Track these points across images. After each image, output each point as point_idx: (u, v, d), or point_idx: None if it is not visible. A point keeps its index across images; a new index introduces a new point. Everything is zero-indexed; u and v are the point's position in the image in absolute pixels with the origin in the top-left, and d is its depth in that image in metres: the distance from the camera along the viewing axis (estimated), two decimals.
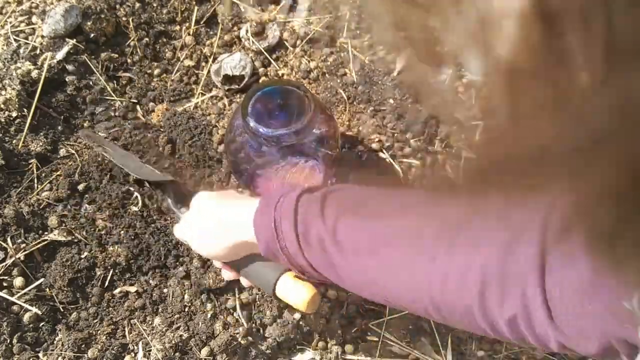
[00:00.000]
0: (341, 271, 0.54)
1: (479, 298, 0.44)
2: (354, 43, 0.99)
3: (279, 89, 0.72)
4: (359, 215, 0.54)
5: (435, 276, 0.48)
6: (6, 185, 0.84)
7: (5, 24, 0.98)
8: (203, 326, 0.75)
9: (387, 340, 0.78)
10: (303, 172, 0.76)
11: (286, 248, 0.56)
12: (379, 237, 0.53)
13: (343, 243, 0.53)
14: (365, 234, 0.53)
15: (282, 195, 0.59)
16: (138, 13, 1.00)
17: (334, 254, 0.53)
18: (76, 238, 0.80)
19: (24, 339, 0.75)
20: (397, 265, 0.51)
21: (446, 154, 0.91)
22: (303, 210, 0.55)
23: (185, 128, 0.89)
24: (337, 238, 0.53)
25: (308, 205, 0.56)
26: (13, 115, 0.88)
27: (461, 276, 0.46)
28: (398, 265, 0.51)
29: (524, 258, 0.42)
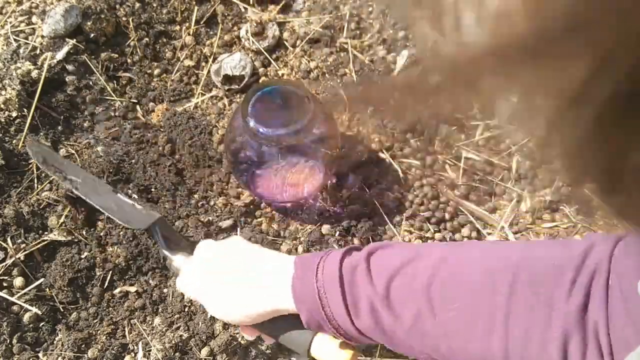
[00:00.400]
0: (395, 337, 0.51)
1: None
2: (354, 43, 0.99)
3: (279, 89, 0.72)
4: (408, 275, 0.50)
5: (510, 342, 0.45)
6: (6, 185, 0.84)
7: (5, 24, 0.98)
8: (203, 326, 0.75)
9: None
10: (303, 172, 0.76)
11: (334, 320, 0.52)
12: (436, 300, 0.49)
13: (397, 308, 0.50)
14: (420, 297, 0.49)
15: (320, 259, 0.54)
16: (138, 13, 1.00)
17: (388, 320, 0.50)
18: (76, 238, 0.80)
19: (24, 339, 0.75)
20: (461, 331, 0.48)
21: (446, 154, 0.91)
22: (349, 278, 0.51)
23: (185, 128, 0.89)
24: (390, 303, 0.49)
25: (353, 271, 0.52)
26: (13, 115, 0.88)
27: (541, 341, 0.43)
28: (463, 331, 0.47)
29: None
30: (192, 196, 0.85)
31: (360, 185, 0.84)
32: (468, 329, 0.47)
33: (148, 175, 0.85)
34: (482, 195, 0.88)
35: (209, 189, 0.86)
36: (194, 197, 0.85)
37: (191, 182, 0.86)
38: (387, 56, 0.98)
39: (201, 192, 0.85)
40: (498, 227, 0.86)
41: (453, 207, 0.85)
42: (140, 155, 0.87)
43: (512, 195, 0.88)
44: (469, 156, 0.91)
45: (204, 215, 0.83)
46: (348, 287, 0.51)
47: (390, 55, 0.98)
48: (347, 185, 0.85)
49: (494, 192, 0.89)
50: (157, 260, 0.80)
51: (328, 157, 0.76)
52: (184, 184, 0.86)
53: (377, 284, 0.51)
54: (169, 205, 0.83)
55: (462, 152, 0.91)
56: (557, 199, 0.87)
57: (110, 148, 0.88)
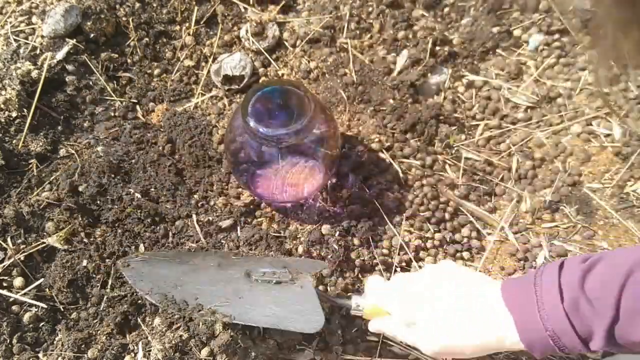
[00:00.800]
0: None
1: None
2: (354, 43, 0.99)
3: (279, 89, 0.72)
4: (630, 293, 0.49)
5: None
6: (6, 185, 0.84)
7: (5, 24, 0.98)
8: (203, 327, 0.75)
9: (387, 340, 0.78)
10: (303, 172, 0.76)
11: (566, 348, 0.52)
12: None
13: (632, 326, 0.49)
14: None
15: (537, 299, 0.53)
16: (138, 13, 1.00)
17: (625, 340, 0.50)
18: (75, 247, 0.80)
19: (24, 339, 0.75)
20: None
21: (446, 154, 0.91)
22: (578, 319, 0.51)
23: (185, 128, 0.89)
24: (622, 326, 0.49)
25: (575, 306, 0.51)
26: (13, 115, 0.88)
27: None
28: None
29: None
30: (192, 196, 0.85)
31: (360, 185, 0.84)
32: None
33: (148, 175, 0.85)
34: (482, 195, 0.88)
35: (209, 189, 0.86)
36: (194, 197, 0.85)
37: (191, 182, 0.86)
38: (387, 56, 0.98)
39: (201, 192, 0.85)
40: (498, 227, 0.86)
41: (453, 207, 0.85)
42: (140, 155, 0.87)
43: (512, 195, 0.88)
44: (469, 156, 0.91)
45: (204, 215, 0.83)
46: (578, 325, 0.51)
47: (390, 55, 0.98)
48: (347, 185, 0.85)
49: (494, 192, 0.89)
50: None
51: (328, 157, 0.76)
52: (184, 184, 0.86)
53: (604, 312, 0.50)
54: (169, 205, 0.83)
55: (462, 152, 0.91)
56: (557, 199, 0.87)
57: (110, 148, 0.88)
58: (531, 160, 0.91)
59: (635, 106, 0.93)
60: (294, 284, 0.70)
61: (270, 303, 0.68)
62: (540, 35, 1.01)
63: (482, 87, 0.98)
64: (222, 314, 0.67)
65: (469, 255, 0.84)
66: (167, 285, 0.70)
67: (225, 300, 0.68)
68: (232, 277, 0.71)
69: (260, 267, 0.72)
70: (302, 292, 0.69)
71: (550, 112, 0.95)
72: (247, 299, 0.69)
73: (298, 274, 0.71)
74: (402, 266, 0.81)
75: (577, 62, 0.98)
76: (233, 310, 0.67)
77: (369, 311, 0.67)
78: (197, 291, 0.70)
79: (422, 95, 0.96)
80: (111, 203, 0.83)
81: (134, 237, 0.80)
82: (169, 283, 0.71)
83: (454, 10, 1.04)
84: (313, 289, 0.69)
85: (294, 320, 0.67)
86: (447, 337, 0.58)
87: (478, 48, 1.00)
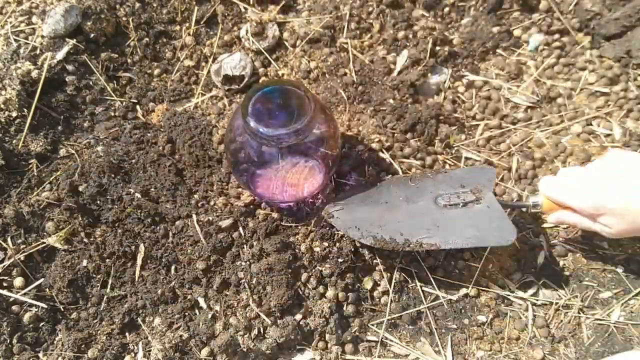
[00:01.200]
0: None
1: None
2: (354, 43, 0.99)
3: (279, 89, 0.72)
4: None
5: None
6: (6, 185, 0.84)
7: (5, 24, 0.98)
8: (203, 326, 0.75)
9: (387, 340, 0.78)
10: (303, 172, 0.76)
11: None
12: None
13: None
14: None
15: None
16: (138, 13, 1.00)
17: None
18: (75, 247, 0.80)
19: (24, 339, 0.75)
20: None
21: (446, 154, 0.91)
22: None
23: (185, 128, 0.89)
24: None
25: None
26: (13, 115, 0.88)
27: None
28: None
29: None
30: (192, 196, 0.85)
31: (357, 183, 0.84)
32: None
33: (148, 175, 0.85)
34: None
35: (209, 189, 0.86)
36: (194, 197, 0.85)
37: (191, 182, 0.86)
38: (387, 56, 0.98)
39: (201, 192, 0.85)
40: None
41: None
42: (140, 155, 0.87)
43: (512, 196, 0.88)
44: (469, 156, 0.91)
45: (204, 215, 0.83)
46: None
47: (390, 55, 0.98)
48: (347, 185, 0.85)
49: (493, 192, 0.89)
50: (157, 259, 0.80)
51: (328, 157, 0.76)
52: (184, 184, 0.86)
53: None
54: (169, 205, 0.83)
55: (462, 152, 0.91)
56: None
57: (110, 148, 0.88)
58: (531, 160, 0.91)
59: (636, 106, 0.93)
60: (479, 203, 0.78)
61: (465, 226, 0.75)
62: (540, 35, 1.01)
63: (482, 87, 0.98)
64: (428, 244, 0.74)
65: (469, 255, 0.84)
66: (373, 227, 0.77)
67: (426, 231, 0.75)
68: (423, 208, 0.79)
69: (442, 190, 0.80)
70: (490, 209, 0.77)
71: (550, 112, 0.95)
72: (444, 226, 0.76)
73: (479, 191, 0.79)
74: (401, 266, 0.81)
75: (577, 62, 0.98)
76: (436, 239, 0.74)
77: (546, 206, 0.77)
78: (399, 227, 0.76)
79: (422, 95, 0.96)
80: (111, 203, 0.83)
81: (134, 237, 0.80)
82: (375, 225, 0.77)
83: (454, 10, 1.04)
84: (499, 206, 0.77)
85: (491, 236, 0.74)
86: (639, 212, 0.65)
87: (478, 48, 1.00)
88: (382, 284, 0.80)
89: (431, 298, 0.80)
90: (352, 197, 0.82)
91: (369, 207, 0.80)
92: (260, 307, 0.76)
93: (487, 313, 0.80)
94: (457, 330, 0.79)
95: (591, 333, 0.77)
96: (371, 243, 0.76)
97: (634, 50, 0.94)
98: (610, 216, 0.68)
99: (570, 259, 0.83)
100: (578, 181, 0.72)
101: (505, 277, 0.82)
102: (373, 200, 0.81)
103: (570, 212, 0.74)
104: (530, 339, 0.77)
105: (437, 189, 0.80)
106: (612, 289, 0.80)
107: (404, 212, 0.79)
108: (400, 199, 0.80)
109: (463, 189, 0.79)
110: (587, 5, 1.01)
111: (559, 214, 0.76)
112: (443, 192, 0.80)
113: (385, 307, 0.79)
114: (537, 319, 0.78)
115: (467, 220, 0.76)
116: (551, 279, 0.81)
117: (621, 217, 0.67)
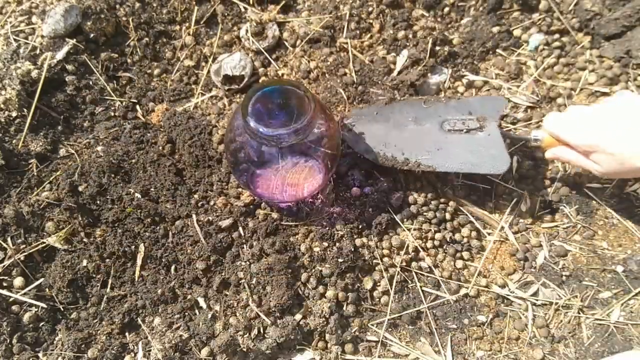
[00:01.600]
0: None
1: None
2: (354, 43, 0.99)
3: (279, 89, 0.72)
4: None
5: None
6: (6, 185, 0.84)
7: (5, 24, 0.98)
8: (203, 326, 0.75)
9: (387, 340, 0.78)
10: (303, 172, 0.76)
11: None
12: None
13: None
14: None
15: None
16: (138, 13, 1.00)
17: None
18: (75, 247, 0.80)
19: (24, 338, 0.75)
20: None
21: None
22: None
23: (185, 128, 0.89)
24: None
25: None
26: (13, 115, 0.88)
27: None
28: None
29: None
30: (192, 196, 0.85)
31: (360, 185, 0.84)
32: None
33: (148, 175, 0.85)
34: (482, 195, 0.88)
35: (209, 189, 0.86)
36: (194, 197, 0.85)
37: (191, 182, 0.86)
38: (387, 56, 0.98)
39: (201, 192, 0.85)
40: (498, 227, 0.86)
41: (453, 207, 0.85)
42: (140, 155, 0.87)
43: (512, 195, 0.88)
44: None
45: (204, 215, 0.83)
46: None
47: (390, 55, 0.98)
48: (347, 185, 0.85)
49: (494, 192, 0.89)
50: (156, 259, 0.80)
51: (328, 157, 0.76)
52: (184, 184, 0.86)
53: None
54: (169, 205, 0.83)
55: None
56: (557, 199, 0.87)
57: (110, 148, 0.88)
58: (531, 160, 0.91)
59: None
60: (482, 131, 0.80)
61: (464, 151, 0.79)
62: (540, 35, 1.01)
63: (482, 87, 0.98)
64: (425, 165, 0.78)
65: (469, 255, 0.84)
66: (377, 144, 0.81)
67: (427, 152, 0.79)
68: (428, 130, 0.82)
69: (450, 115, 0.83)
70: (490, 138, 0.79)
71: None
72: (444, 149, 0.80)
73: (484, 120, 0.81)
74: (402, 266, 0.81)
75: (577, 62, 0.98)
76: (433, 161, 0.79)
77: (547, 141, 0.78)
78: (403, 146, 0.81)
79: (422, 95, 0.96)
80: (111, 203, 0.83)
81: (134, 237, 0.80)
82: (380, 141, 0.82)
83: (454, 10, 1.04)
84: (499, 135, 0.79)
85: (485, 164, 0.78)
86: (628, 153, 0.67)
87: (478, 48, 1.00)
88: (382, 284, 0.80)
89: (431, 298, 0.80)
90: (366, 113, 0.85)
91: (379, 124, 0.84)
92: (260, 307, 0.76)
93: (487, 313, 0.80)
94: (457, 330, 0.79)
95: (591, 333, 0.77)
96: (373, 159, 0.80)
97: (634, 50, 0.94)
98: (601, 154, 0.70)
99: (570, 259, 0.83)
100: (581, 119, 0.74)
101: (505, 277, 0.82)
102: (384, 117, 0.85)
103: (567, 148, 0.76)
104: (530, 339, 0.78)
105: (445, 114, 0.83)
106: (612, 289, 0.80)
107: (410, 133, 0.82)
108: (409, 119, 0.83)
109: (470, 116, 0.82)
110: (587, 5, 1.01)
111: (557, 149, 0.78)
112: (450, 117, 0.82)
113: (385, 307, 0.79)
114: (537, 319, 0.78)
115: (467, 146, 0.79)
116: (551, 279, 0.81)
117: (612, 157, 0.69)
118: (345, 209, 0.83)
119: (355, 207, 0.83)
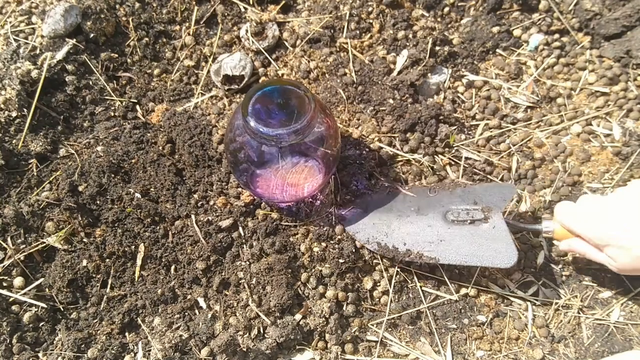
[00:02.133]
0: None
1: None
2: (354, 43, 0.99)
3: (279, 88, 0.72)
4: None
5: None
6: (6, 185, 0.84)
7: (5, 24, 0.98)
8: (203, 326, 0.75)
9: (387, 340, 0.78)
10: (303, 172, 0.76)
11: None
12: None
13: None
14: None
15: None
16: (138, 13, 1.00)
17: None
18: (74, 247, 0.80)
19: (24, 338, 0.75)
20: None
21: (446, 154, 0.91)
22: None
23: (185, 128, 0.89)
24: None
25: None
26: (13, 115, 0.88)
27: None
28: None
29: None
30: (192, 196, 0.85)
31: (360, 184, 0.84)
32: None
33: (148, 175, 0.85)
34: None
35: (208, 188, 0.86)
36: (194, 197, 0.85)
37: (191, 182, 0.86)
38: (387, 56, 0.98)
39: (201, 192, 0.85)
40: None
41: None
42: (140, 155, 0.87)
43: (512, 195, 0.88)
44: (469, 156, 0.91)
45: (204, 215, 0.83)
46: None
47: (390, 55, 0.98)
48: (347, 185, 0.85)
49: None
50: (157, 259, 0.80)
51: (328, 157, 0.76)
52: (183, 184, 0.86)
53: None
54: (169, 205, 0.83)
55: (462, 152, 0.91)
56: (557, 199, 0.87)
57: (110, 148, 0.88)
58: (531, 160, 0.91)
59: (635, 106, 0.93)
60: (487, 222, 0.78)
61: (467, 244, 0.76)
62: (540, 35, 1.01)
63: (482, 87, 0.98)
64: (428, 257, 0.76)
65: None
66: (379, 234, 0.80)
67: (429, 244, 0.78)
68: (431, 221, 0.80)
69: (454, 205, 0.80)
70: (495, 230, 0.76)
71: (550, 112, 0.95)
72: (447, 241, 0.77)
73: (489, 210, 0.78)
74: (402, 267, 0.81)
75: (577, 62, 0.98)
76: (436, 253, 0.76)
77: (559, 233, 0.75)
78: (404, 237, 0.79)
79: (422, 95, 0.96)
80: (111, 203, 0.83)
81: (133, 237, 0.80)
82: (381, 232, 0.80)
83: (453, 10, 1.04)
84: (505, 227, 0.76)
85: (490, 257, 0.75)
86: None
87: (478, 48, 1.00)
88: (382, 283, 0.80)
89: (431, 298, 0.80)
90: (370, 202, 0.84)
91: (381, 213, 0.82)
92: (260, 307, 0.76)
93: (487, 313, 0.80)
94: (457, 330, 0.79)
95: (591, 333, 0.77)
96: (374, 249, 0.78)
97: (634, 50, 0.94)
98: (615, 248, 0.67)
99: (570, 259, 0.83)
100: (593, 210, 0.70)
101: (505, 277, 0.82)
102: (386, 207, 0.83)
103: (580, 240, 0.73)
104: (530, 339, 0.78)
105: (449, 203, 0.81)
106: (612, 289, 0.80)
107: (412, 223, 0.80)
108: (411, 209, 0.82)
109: (475, 206, 0.79)
110: (587, 5, 1.01)
111: (570, 241, 0.74)
112: (454, 206, 0.80)
113: (385, 307, 0.79)
114: (537, 319, 0.78)
115: (471, 238, 0.77)
116: (551, 279, 0.81)
117: (627, 252, 0.66)
118: (344, 208, 0.83)
119: (354, 206, 0.83)
